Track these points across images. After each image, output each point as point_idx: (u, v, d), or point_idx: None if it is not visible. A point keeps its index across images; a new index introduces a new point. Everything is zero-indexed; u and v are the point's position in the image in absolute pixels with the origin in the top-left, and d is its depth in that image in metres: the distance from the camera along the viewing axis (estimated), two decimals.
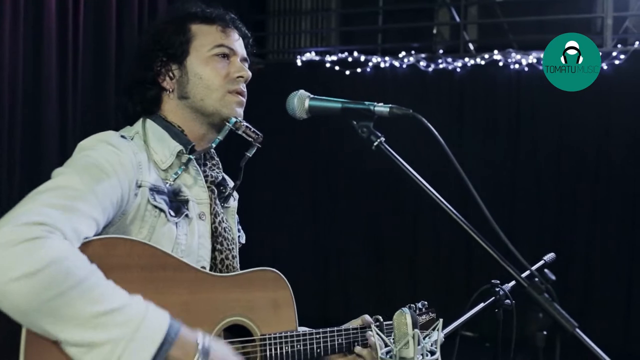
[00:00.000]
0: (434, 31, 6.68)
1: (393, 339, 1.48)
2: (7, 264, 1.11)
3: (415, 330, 1.41)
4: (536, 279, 1.17)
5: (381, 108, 1.32)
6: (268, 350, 1.54)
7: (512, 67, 5.80)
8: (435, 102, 6.02)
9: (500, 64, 5.82)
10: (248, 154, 1.63)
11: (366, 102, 1.34)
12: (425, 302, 1.75)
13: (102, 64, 4.58)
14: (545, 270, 1.20)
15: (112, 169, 1.37)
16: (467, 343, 5.89)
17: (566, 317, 1.15)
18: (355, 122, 1.33)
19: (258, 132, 1.62)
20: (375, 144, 1.31)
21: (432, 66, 6.05)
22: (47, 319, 1.13)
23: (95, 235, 1.29)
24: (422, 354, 1.45)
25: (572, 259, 5.55)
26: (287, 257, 6.26)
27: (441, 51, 6.19)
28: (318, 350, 1.64)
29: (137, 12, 4.90)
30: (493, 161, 5.85)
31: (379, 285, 6.17)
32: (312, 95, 1.42)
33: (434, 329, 1.53)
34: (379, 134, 1.31)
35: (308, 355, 1.62)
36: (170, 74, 1.59)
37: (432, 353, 1.48)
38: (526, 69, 5.76)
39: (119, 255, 1.29)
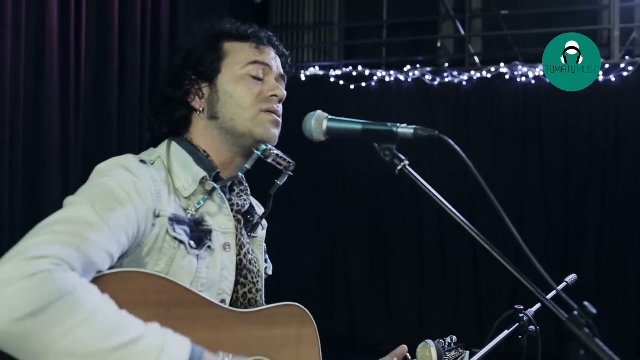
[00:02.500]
0: (438, 44, 6.64)
1: None
2: (9, 304, 1.02)
3: None
4: (576, 313, 1.09)
5: (405, 130, 1.24)
6: None
7: (518, 80, 5.74)
8: (441, 116, 5.96)
9: (507, 77, 5.77)
10: (279, 182, 1.52)
11: (388, 124, 1.26)
12: (455, 337, 1.65)
13: (104, 81, 4.53)
14: (586, 303, 1.11)
15: (128, 198, 1.28)
16: None
17: (611, 355, 1.06)
18: (377, 145, 1.25)
19: (290, 160, 1.51)
20: (399, 167, 1.23)
21: (438, 80, 5.99)
22: (59, 359, 1.04)
23: (109, 269, 1.20)
24: None
25: (581, 274, 5.46)
26: (292, 273, 6.19)
27: (446, 64, 6.13)
28: None
29: (139, 26, 4.85)
30: (500, 175, 5.78)
31: (385, 302, 6.08)
32: (330, 117, 1.34)
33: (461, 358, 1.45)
34: (403, 157, 1.23)
35: None
36: (200, 93, 1.50)
37: None
38: (533, 82, 5.71)
39: (133, 291, 1.20)
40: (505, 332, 1.71)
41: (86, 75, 4.39)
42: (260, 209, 1.64)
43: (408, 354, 1.56)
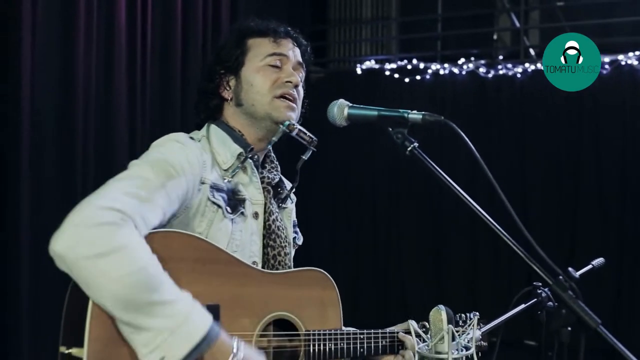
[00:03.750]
0: (495, 37, 6.66)
1: (430, 334, 1.55)
2: (83, 241, 1.27)
3: (450, 326, 1.48)
4: (560, 277, 1.22)
5: (414, 115, 1.40)
6: (312, 346, 1.62)
7: None
8: (495, 109, 5.99)
9: None
10: (304, 157, 1.72)
11: (400, 110, 1.42)
12: (477, 313, 1.80)
13: (168, 77, 4.82)
14: (570, 269, 1.25)
15: (180, 165, 1.51)
16: (530, 352, 5.78)
17: (590, 313, 1.20)
18: (390, 129, 1.42)
19: (312, 136, 1.70)
20: (409, 149, 1.38)
21: (492, 72, 6.02)
22: (107, 296, 1.28)
23: (160, 224, 1.44)
24: (457, 349, 1.52)
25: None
26: (347, 263, 6.35)
27: (501, 57, 6.16)
28: (361, 350, 1.70)
29: (201, 23, 5.11)
30: (555, 167, 5.77)
31: (438, 293, 6.14)
32: (350, 104, 1.52)
33: (470, 327, 1.59)
34: (413, 140, 1.39)
35: (351, 354, 1.69)
36: (228, 85, 1.74)
37: (468, 349, 1.54)
38: None
39: (176, 247, 1.42)
40: (522, 306, 1.82)
41: (152, 73, 4.68)
42: (289, 185, 1.85)
43: (425, 322, 1.70)
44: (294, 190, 1.83)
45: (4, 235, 3.68)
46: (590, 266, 2.22)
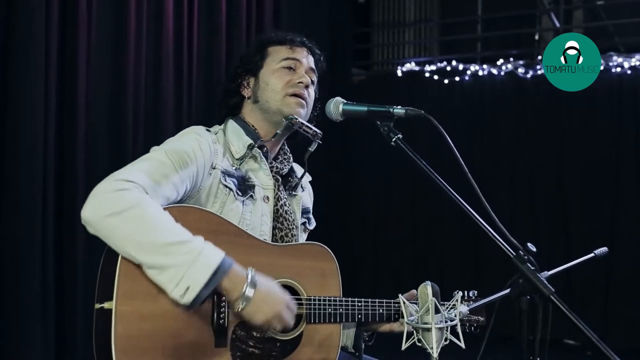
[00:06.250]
0: (537, 37, 6.69)
1: (419, 307, 1.73)
2: (102, 205, 1.55)
3: (433, 298, 1.64)
4: (520, 252, 1.38)
5: (399, 110, 1.58)
6: (313, 309, 1.81)
7: (613, 70, 5.71)
8: (533, 108, 6.03)
9: (601, 67, 5.74)
10: (310, 149, 1.95)
11: (387, 106, 1.60)
12: (476, 292, 1.95)
13: (212, 80, 5.09)
14: (529, 244, 1.40)
15: (192, 151, 1.75)
16: (570, 350, 5.81)
17: (544, 283, 1.35)
18: (378, 122, 1.60)
19: (317, 130, 1.93)
20: (394, 139, 1.56)
21: (531, 72, 6.07)
22: (131, 246, 1.53)
23: (174, 200, 1.69)
24: (441, 320, 1.68)
25: None
26: (387, 250, 6.49)
27: (539, 57, 6.19)
28: (359, 316, 1.88)
29: (245, 30, 5.35)
30: (595, 167, 5.77)
31: (475, 278, 6.16)
32: (345, 101, 1.71)
33: (454, 302, 1.75)
34: (397, 132, 1.57)
35: (349, 319, 1.88)
36: (248, 85, 2.00)
37: (452, 320, 1.70)
38: (629, 71, 5.66)
39: (191, 220, 1.64)
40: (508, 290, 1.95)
41: (197, 76, 4.97)
42: (300, 174, 2.07)
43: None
44: (309, 180, 2.09)
45: (62, 222, 3.99)
46: (592, 254, 2.34)
